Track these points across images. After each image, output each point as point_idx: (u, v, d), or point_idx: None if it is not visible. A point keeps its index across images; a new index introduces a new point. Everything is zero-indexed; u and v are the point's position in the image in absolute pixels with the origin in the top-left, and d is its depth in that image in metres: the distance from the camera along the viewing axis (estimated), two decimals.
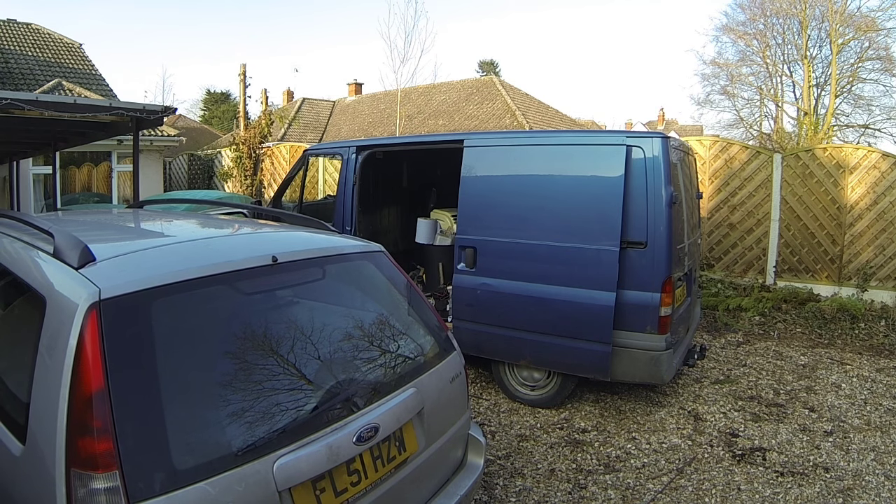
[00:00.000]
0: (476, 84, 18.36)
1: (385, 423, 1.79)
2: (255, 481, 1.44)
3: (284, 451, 1.52)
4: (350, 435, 1.67)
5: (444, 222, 5.54)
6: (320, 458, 1.58)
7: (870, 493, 2.97)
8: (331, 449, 1.61)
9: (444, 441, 2.11)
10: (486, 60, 35.09)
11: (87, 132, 6.26)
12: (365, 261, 2.29)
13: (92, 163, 12.01)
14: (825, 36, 18.15)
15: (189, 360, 1.55)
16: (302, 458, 1.54)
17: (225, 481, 1.37)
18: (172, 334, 1.54)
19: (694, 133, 24.15)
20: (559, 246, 3.71)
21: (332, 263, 2.15)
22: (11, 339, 1.77)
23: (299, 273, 2.00)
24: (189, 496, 1.30)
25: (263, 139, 12.64)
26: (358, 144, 5.11)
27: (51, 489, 1.24)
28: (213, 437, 1.47)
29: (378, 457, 1.79)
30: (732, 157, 7.18)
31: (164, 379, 1.42)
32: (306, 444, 1.57)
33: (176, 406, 1.42)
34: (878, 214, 6.46)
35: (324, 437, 1.62)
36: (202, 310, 1.66)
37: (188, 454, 1.38)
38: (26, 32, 14.49)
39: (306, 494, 1.55)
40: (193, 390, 1.52)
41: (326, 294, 2.20)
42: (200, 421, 1.49)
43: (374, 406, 1.82)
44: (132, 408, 1.33)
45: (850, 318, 6.01)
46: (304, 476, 1.54)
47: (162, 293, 1.51)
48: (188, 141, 17.17)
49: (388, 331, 2.17)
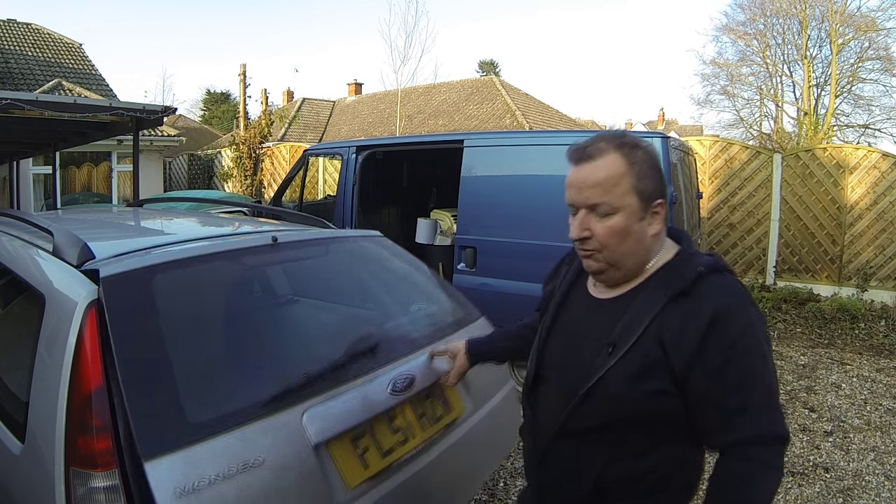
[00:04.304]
0: (476, 84, 18.36)
1: (421, 375, 1.73)
2: (285, 434, 1.39)
3: (312, 401, 1.47)
4: (384, 384, 1.62)
5: (444, 222, 5.54)
6: (353, 407, 1.53)
7: (870, 493, 2.96)
8: (364, 397, 1.55)
9: (492, 406, 2.02)
10: (486, 60, 35.09)
11: (87, 132, 6.25)
12: (367, 242, 2.32)
13: (92, 163, 12.01)
14: (825, 36, 18.16)
15: (198, 324, 1.57)
16: (332, 406, 1.49)
17: (250, 433, 1.33)
18: (179, 300, 1.56)
19: (694, 133, 24.15)
20: (559, 246, 3.70)
21: (333, 244, 2.19)
22: (11, 338, 1.77)
23: (302, 251, 2.04)
24: (209, 450, 1.26)
25: (263, 139, 12.64)
26: (358, 144, 5.11)
27: (50, 488, 1.23)
28: (232, 392, 1.44)
29: (423, 415, 1.72)
30: (732, 157, 7.18)
31: (171, 341, 1.42)
32: (336, 395, 1.52)
33: (185, 364, 1.42)
34: (879, 214, 6.46)
35: (355, 388, 1.56)
36: (209, 280, 1.70)
37: (204, 409, 1.35)
38: (26, 32, 14.48)
39: (347, 453, 1.49)
40: (206, 349, 1.53)
41: (334, 265, 2.22)
42: (216, 376, 1.48)
43: (407, 359, 1.76)
44: (139, 364, 1.31)
45: (850, 318, 6.01)
46: (339, 427, 1.48)
47: (164, 269, 1.54)
48: (188, 141, 17.16)
49: (409, 294, 2.18)
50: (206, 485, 1.20)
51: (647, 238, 1.11)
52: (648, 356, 1.04)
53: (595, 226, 1.09)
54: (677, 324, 1.03)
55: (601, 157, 1.09)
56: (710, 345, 1.00)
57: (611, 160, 1.08)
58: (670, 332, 1.03)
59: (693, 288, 1.05)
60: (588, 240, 1.10)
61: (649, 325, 1.05)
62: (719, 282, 1.06)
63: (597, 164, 1.08)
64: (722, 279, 1.07)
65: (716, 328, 1.00)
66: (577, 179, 1.11)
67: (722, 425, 1.03)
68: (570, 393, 1.13)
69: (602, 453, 1.11)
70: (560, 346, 1.23)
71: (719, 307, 1.02)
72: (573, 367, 1.16)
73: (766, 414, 1.02)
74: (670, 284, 1.07)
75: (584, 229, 1.10)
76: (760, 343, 1.03)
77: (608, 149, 1.09)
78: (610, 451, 1.11)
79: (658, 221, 1.12)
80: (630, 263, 1.12)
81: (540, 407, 1.24)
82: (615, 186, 1.07)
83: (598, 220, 1.09)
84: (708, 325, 1.01)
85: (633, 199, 1.08)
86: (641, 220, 1.09)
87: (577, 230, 1.11)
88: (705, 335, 1.00)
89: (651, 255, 1.13)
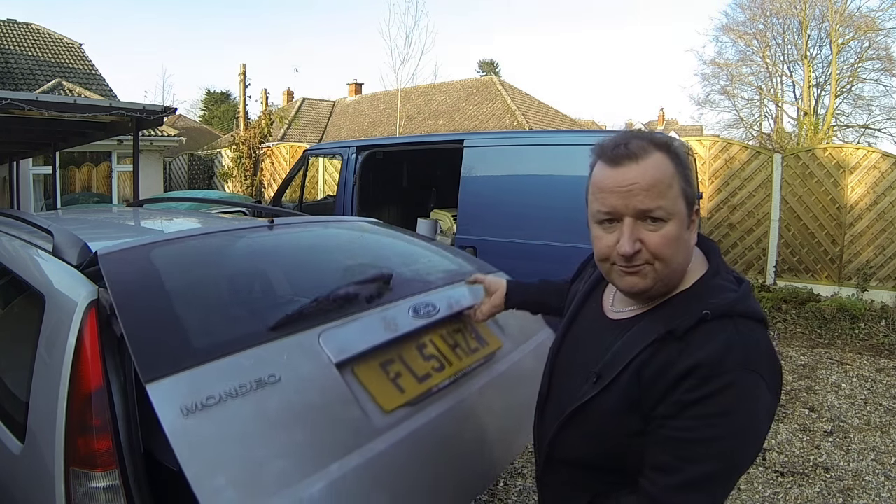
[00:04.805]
0: (476, 84, 18.36)
1: (443, 303, 1.68)
2: (300, 353, 1.34)
3: (327, 325, 1.43)
4: (404, 310, 1.59)
5: (444, 222, 5.54)
6: (374, 328, 1.50)
7: (870, 493, 2.96)
8: (385, 320, 1.52)
9: (532, 346, 1.93)
10: (486, 60, 35.08)
11: (87, 132, 6.26)
12: (368, 224, 2.39)
13: (92, 163, 12.01)
14: (825, 36, 18.15)
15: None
16: (351, 328, 1.46)
17: (261, 353, 1.29)
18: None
19: (694, 133, 24.15)
20: (559, 246, 3.71)
21: (333, 223, 2.32)
22: (10, 338, 1.77)
23: (302, 227, 2.11)
24: (216, 369, 1.22)
25: (263, 139, 12.64)
26: (358, 144, 5.12)
27: (50, 488, 1.23)
28: (239, 320, 1.44)
29: (456, 345, 1.67)
30: (732, 157, 7.18)
31: (170, 280, 1.44)
32: (354, 321, 1.49)
33: (185, 295, 1.43)
34: (878, 214, 6.46)
35: (373, 314, 1.54)
36: (208, 245, 1.77)
37: (208, 336, 1.32)
38: (26, 32, 14.48)
39: (377, 377, 1.44)
40: (207, 284, 1.56)
41: (338, 235, 2.27)
42: (220, 306, 1.49)
43: (427, 293, 1.73)
44: (137, 298, 1.32)
45: (850, 318, 6.01)
46: (360, 346, 1.44)
47: (162, 245, 1.58)
48: (188, 141, 17.16)
49: (421, 252, 2.19)
50: (215, 402, 1.16)
51: (691, 248, 1.00)
52: (628, 393, 0.94)
53: (647, 235, 0.94)
54: (660, 363, 0.92)
55: (647, 156, 0.94)
56: (676, 392, 0.89)
57: (659, 160, 0.94)
58: (649, 371, 0.93)
59: (688, 333, 0.91)
60: (638, 253, 0.94)
61: (633, 359, 0.95)
62: (720, 331, 0.90)
63: (645, 164, 0.93)
64: (726, 328, 0.90)
65: (688, 379, 0.88)
66: (621, 182, 0.94)
67: (645, 468, 0.93)
68: (558, 417, 1.06)
69: (590, 487, 1.03)
70: (563, 364, 1.16)
71: (703, 361, 0.88)
72: (566, 389, 1.08)
73: (686, 490, 0.86)
74: (671, 320, 0.94)
75: (637, 240, 0.94)
76: (730, 414, 0.85)
77: (650, 147, 0.95)
78: (597, 486, 1.02)
79: (695, 229, 1.00)
80: (677, 279, 0.99)
81: (545, 423, 1.17)
82: (669, 189, 0.93)
83: (650, 228, 0.94)
84: (684, 374, 0.88)
85: (682, 204, 0.95)
86: (688, 229, 0.97)
87: (630, 243, 0.93)
88: (678, 382, 0.89)
89: (687, 268, 1.00)
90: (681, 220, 0.95)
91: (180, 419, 1.10)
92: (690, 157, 4.78)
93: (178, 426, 1.08)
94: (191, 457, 1.05)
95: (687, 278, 1.00)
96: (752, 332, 0.92)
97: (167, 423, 1.07)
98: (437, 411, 1.49)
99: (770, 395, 0.91)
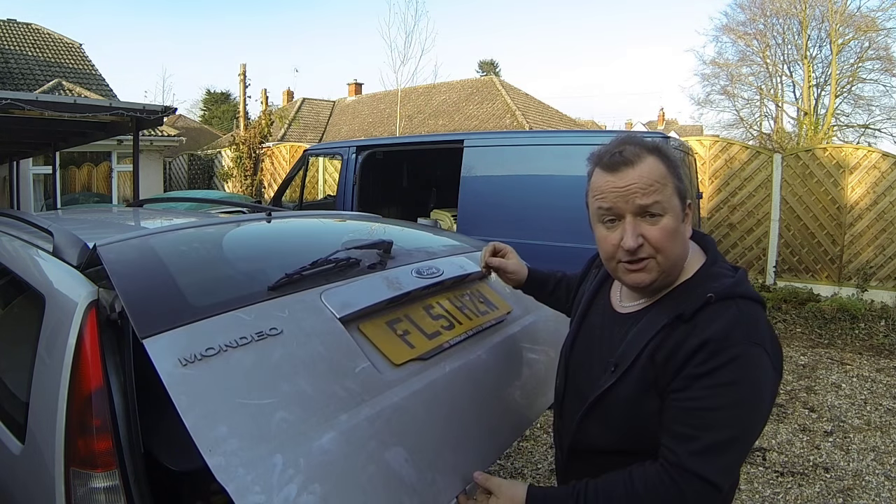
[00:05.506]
0: (476, 84, 18.36)
1: (446, 268, 1.69)
2: (302, 308, 1.34)
3: (329, 285, 1.43)
4: (407, 271, 1.60)
5: (444, 222, 5.54)
6: (377, 286, 1.50)
7: (870, 493, 2.96)
8: (387, 279, 1.53)
9: (545, 316, 1.87)
10: (486, 60, 35.10)
11: (87, 132, 6.26)
12: (365, 214, 2.54)
13: (92, 163, 12.02)
14: (825, 36, 18.15)
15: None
16: (353, 286, 1.46)
17: (262, 308, 1.28)
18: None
19: (694, 133, 24.15)
20: (559, 246, 3.72)
21: (334, 216, 2.42)
22: (10, 338, 1.77)
23: (302, 218, 2.23)
24: (216, 323, 1.20)
25: (263, 139, 12.65)
26: (358, 144, 5.12)
27: (50, 488, 1.23)
28: (238, 281, 1.45)
29: (463, 307, 1.67)
30: (732, 157, 7.18)
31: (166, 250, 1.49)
32: (356, 281, 1.50)
33: (181, 259, 1.46)
34: (878, 214, 6.47)
35: (376, 276, 1.55)
36: (205, 232, 1.82)
37: (206, 295, 1.31)
38: (26, 32, 14.49)
39: (385, 333, 1.42)
40: (204, 250, 1.62)
41: (338, 224, 2.34)
42: (217, 268, 1.53)
43: (430, 260, 1.75)
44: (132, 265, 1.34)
45: (850, 318, 6.01)
46: (364, 301, 1.43)
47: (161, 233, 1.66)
48: (188, 141, 17.17)
49: (422, 232, 2.25)
50: (214, 353, 1.14)
51: (687, 241, 1.09)
52: (644, 376, 1.02)
53: (647, 230, 1.03)
54: (671, 345, 1.00)
55: (641, 160, 1.04)
56: (688, 367, 0.97)
57: (652, 163, 1.04)
58: (662, 353, 1.01)
59: (696, 315, 1.00)
60: (641, 248, 1.03)
61: (647, 345, 1.03)
62: (724, 311, 0.99)
63: (640, 168, 1.04)
64: (729, 308, 0.99)
65: (698, 354, 0.96)
66: (619, 185, 1.04)
67: (663, 441, 1.00)
68: (579, 410, 1.13)
69: (614, 471, 1.06)
70: (578, 360, 1.23)
71: (711, 337, 0.96)
72: (585, 381, 1.16)
73: (705, 455, 0.94)
74: (678, 306, 1.03)
75: (639, 235, 1.03)
76: (739, 383, 0.95)
77: (642, 152, 1.05)
78: (620, 469, 1.06)
79: (689, 223, 1.09)
80: (677, 270, 1.08)
81: (564, 418, 1.24)
82: (664, 187, 1.04)
83: (649, 223, 1.03)
84: (694, 350, 0.97)
85: (676, 199, 1.05)
86: (683, 222, 1.07)
87: (633, 237, 1.03)
88: (688, 358, 0.97)
89: (686, 259, 1.10)
90: (676, 215, 1.05)
91: (178, 369, 1.07)
92: (690, 157, 4.78)
93: (177, 375, 1.05)
94: (189, 405, 1.02)
95: (687, 269, 1.10)
96: (753, 312, 1.01)
97: (164, 374, 1.04)
98: (451, 366, 1.46)
99: (773, 369, 1.00)
